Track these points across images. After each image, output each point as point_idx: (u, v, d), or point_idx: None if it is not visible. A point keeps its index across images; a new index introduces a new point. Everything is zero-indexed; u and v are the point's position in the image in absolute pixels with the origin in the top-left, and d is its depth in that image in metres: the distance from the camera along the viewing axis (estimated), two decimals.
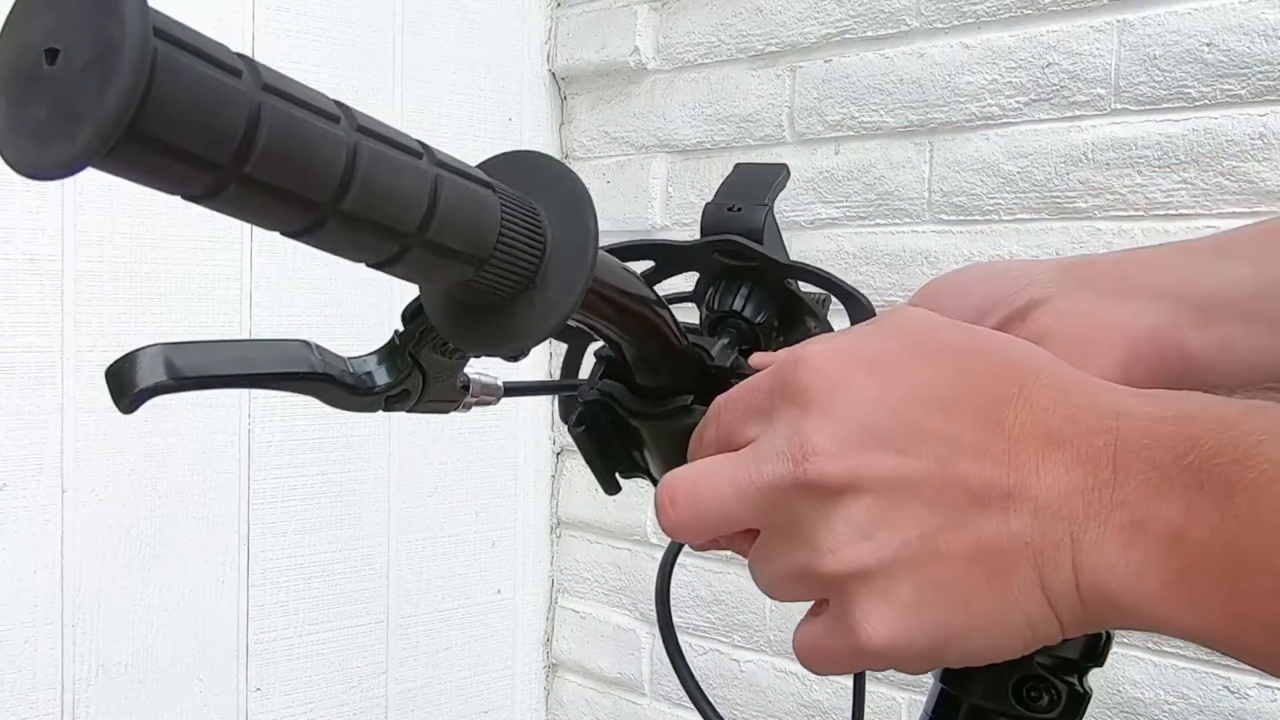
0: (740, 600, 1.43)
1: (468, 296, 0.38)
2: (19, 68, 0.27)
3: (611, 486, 0.53)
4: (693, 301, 0.56)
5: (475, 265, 0.36)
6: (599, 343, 0.50)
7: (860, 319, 0.52)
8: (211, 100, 0.28)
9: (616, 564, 1.58)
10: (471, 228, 0.35)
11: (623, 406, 0.49)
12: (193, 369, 0.39)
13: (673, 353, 0.47)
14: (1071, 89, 1.13)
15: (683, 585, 1.48)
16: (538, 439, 1.64)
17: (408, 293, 0.41)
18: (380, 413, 0.44)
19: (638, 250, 0.54)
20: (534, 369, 1.54)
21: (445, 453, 1.52)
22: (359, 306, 1.40)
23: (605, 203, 1.55)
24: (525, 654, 1.64)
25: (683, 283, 0.56)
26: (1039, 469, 0.34)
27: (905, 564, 0.35)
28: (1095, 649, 0.45)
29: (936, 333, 0.38)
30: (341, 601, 1.43)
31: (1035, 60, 1.15)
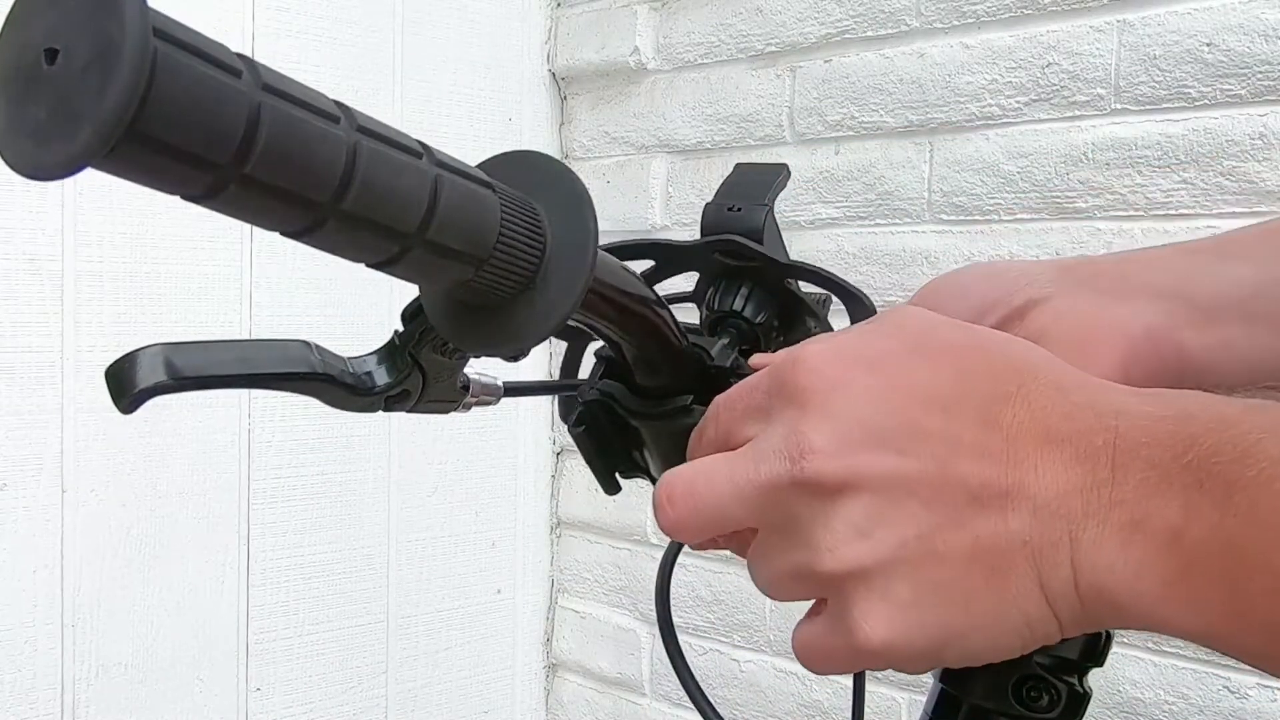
0: (740, 600, 1.43)
1: (468, 296, 0.38)
2: (19, 68, 0.27)
3: (611, 486, 0.53)
4: (693, 301, 0.56)
5: (475, 265, 0.36)
6: (599, 342, 0.50)
7: (861, 318, 0.52)
8: (211, 100, 0.28)
9: (616, 564, 1.58)
10: (471, 228, 0.35)
11: (623, 406, 0.49)
12: (193, 369, 0.39)
13: (673, 353, 0.47)
14: (1071, 89, 1.13)
15: (683, 585, 1.48)
16: (538, 439, 1.64)
17: (408, 293, 0.41)
18: (380, 413, 0.45)
19: (638, 249, 0.54)
20: (534, 369, 1.54)
21: (445, 453, 1.52)
22: (359, 306, 1.40)
23: (605, 203, 1.55)
24: (525, 654, 1.64)
25: (683, 283, 0.56)
26: (1037, 468, 0.34)
27: (903, 563, 0.35)
28: (1095, 649, 0.45)
29: (936, 332, 0.38)
30: (341, 601, 1.43)
31: (1035, 60, 1.15)
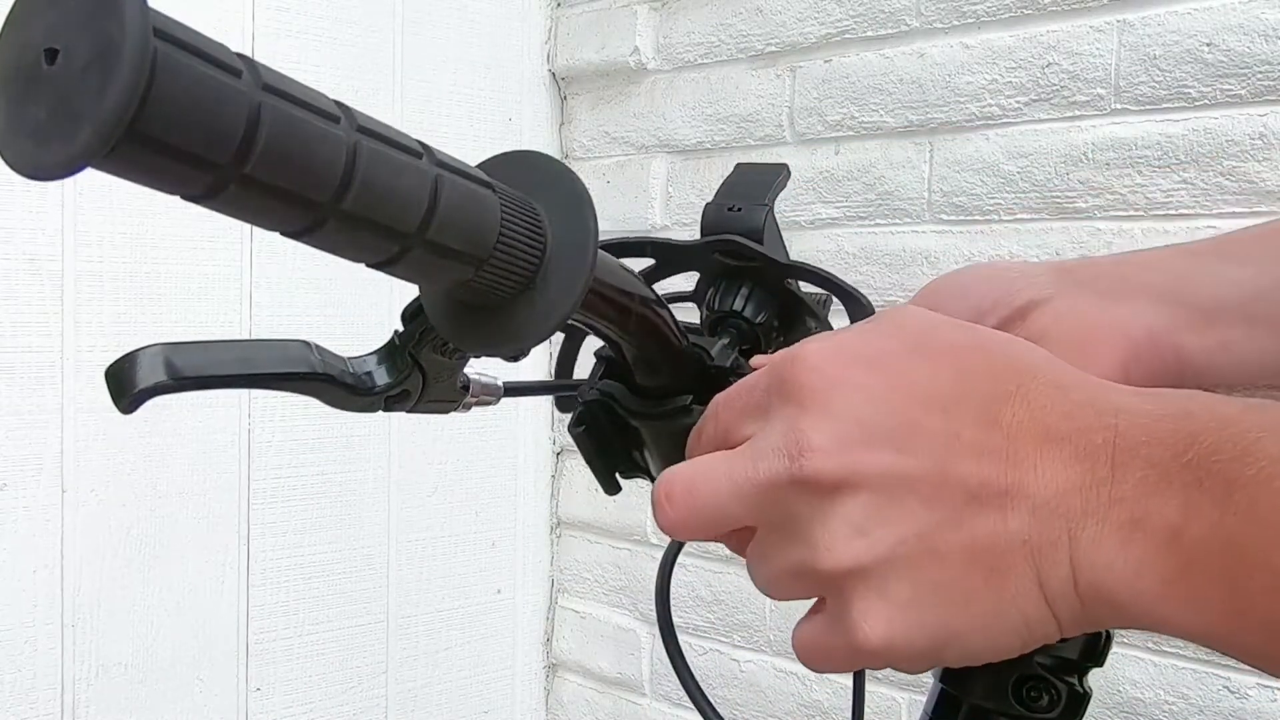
0: (740, 600, 1.43)
1: (468, 296, 0.38)
2: (19, 68, 0.27)
3: (611, 486, 0.53)
4: (693, 301, 0.56)
5: (475, 265, 0.36)
6: (598, 340, 0.50)
7: (860, 319, 0.52)
8: (211, 100, 0.28)
9: (616, 564, 1.58)
10: (471, 228, 0.35)
11: (622, 406, 0.49)
12: (193, 369, 0.39)
13: (672, 353, 0.47)
14: (1071, 89, 1.13)
15: (683, 585, 1.48)
16: (538, 439, 1.64)
17: (408, 293, 0.41)
18: (380, 413, 0.45)
19: (638, 246, 0.54)
20: (534, 369, 1.54)
21: (445, 453, 1.52)
22: (359, 306, 1.40)
23: (605, 203, 1.55)
24: (525, 654, 1.64)
25: (683, 282, 0.56)
26: (1037, 466, 0.34)
27: (902, 562, 0.35)
28: (1095, 649, 0.45)
29: (936, 332, 0.38)
30: (341, 601, 1.43)
31: (1035, 60, 1.15)
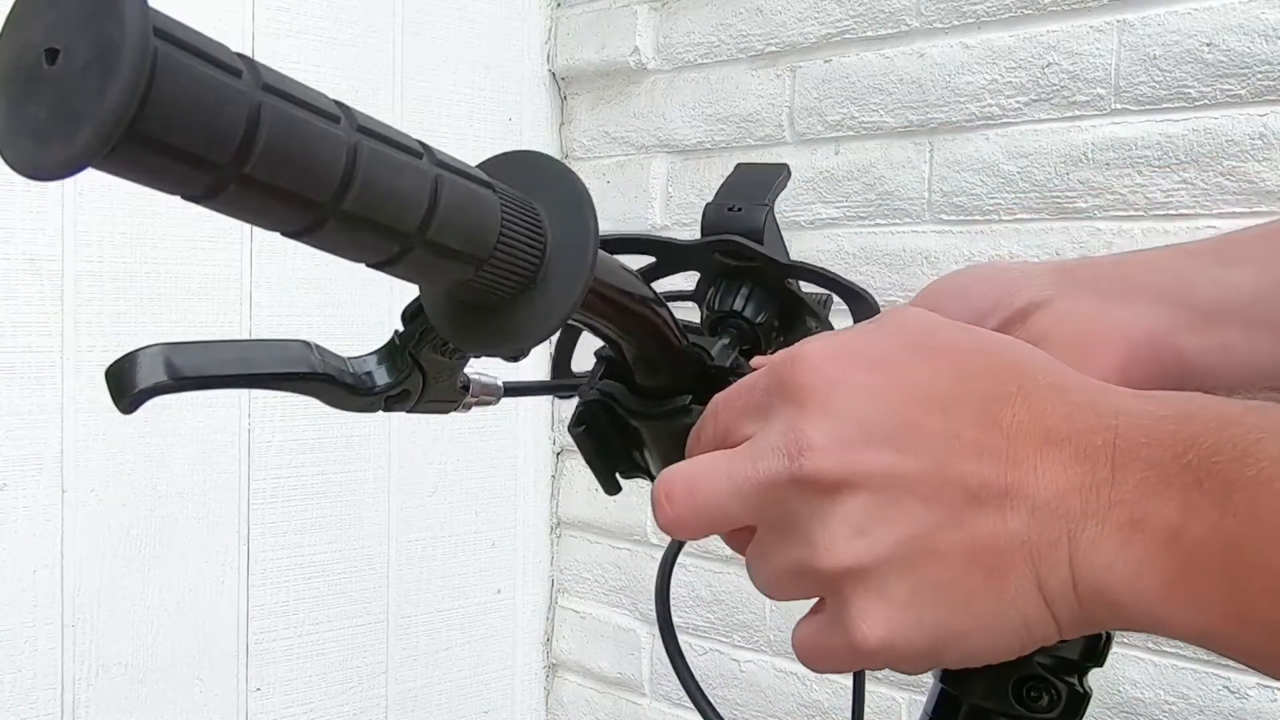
0: (740, 600, 1.43)
1: (468, 296, 0.38)
2: (19, 68, 0.27)
3: (612, 486, 0.53)
4: (693, 301, 0.56)
5: (475, 265, 0.36)
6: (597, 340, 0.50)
7: (864, 315, 0.52)
8: (211, 100, 0.28)
9: (616, 564, 1.58)
10: (471, 228, 0.35)
11: (622, 406, 0.49)
12: (193, 369, 0.39)
13: (672, 352, 0.47)
14: (1071, 89, 1.13)
15: (683, 585, 1.48)
16: (538, 439, 1.64)
17: (408, 293, 0.41)
18: (380, 413, 0.45)
19: (638, 243, 0.54)
20: (534, 369, 1.54)
21: (445, 453, 1.52)
22: (359, 306, 1.40)
23: (605, 203, 1.55)
24: (525, 654, 1.64)
25: (683, 282, 0.56)
26: (1037, 467, 0.34)
27: (901, 562, 0.35)
28: (1095, 649, 0.45)
29: (936, 333, 0.38)
30: (341, 601, 1.43)
31: (1035, 60, 1.15)
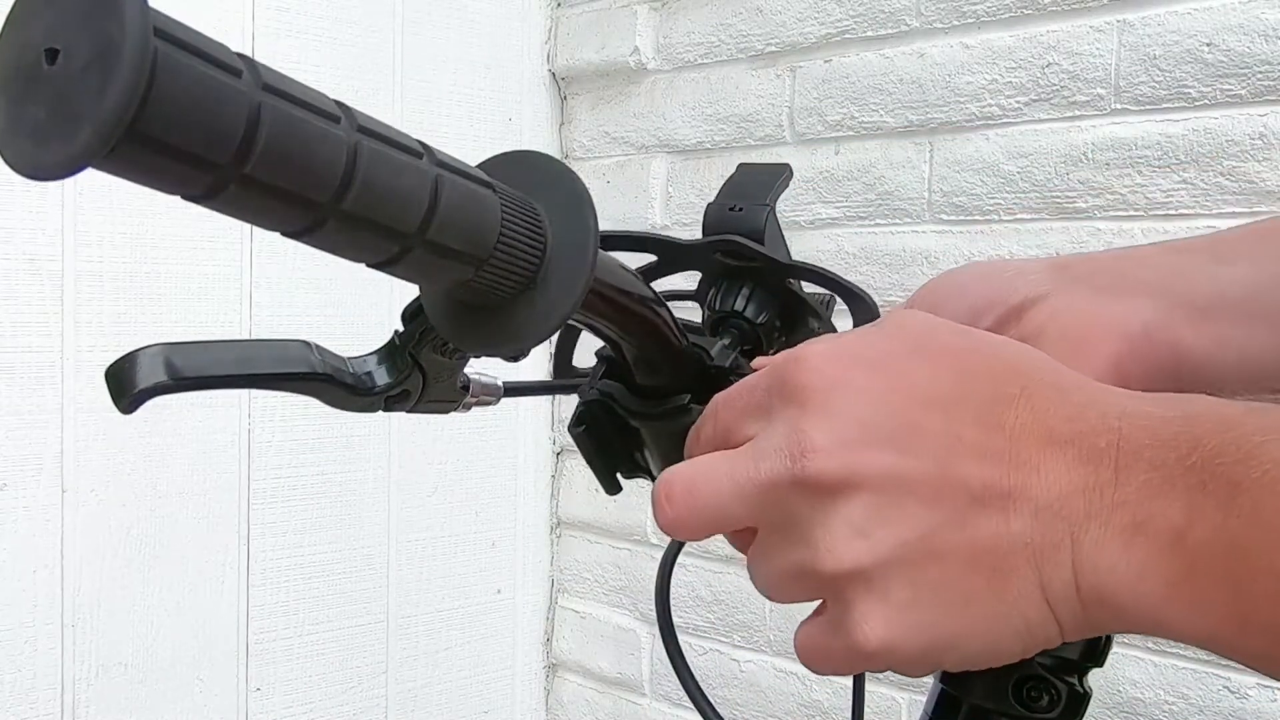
0: (740, 600, 1.43)
1: (468, 296, 0.38)
2: (19, 68, 0.27)
3: (612, 486, 0.53)
4: (695, 301, 0.56)
5: (475, 265, 0.36)
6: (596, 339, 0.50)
7: (863, 317, 0.52)
8: (211, 100, 0.28)
9: (616, 564, 1.58)
10: (472, 228, 0.35)
11: (622, 406, 0.49)
12: (193, 369, 0.39)
13: (672, 352, 0.47)
14: (1071, 89, 1.12)
15: (683, 585, 1.48)
16: (538, 439, 1.64)
17: (408, 293, 0.41)
18: (380, 413, 0.44)
19: (639, 241, 0.54)
20: (534, 369, 1.54)
21: (445, 453, 1.52)
22: (359, 306, 1.40)
23: (605, 203, 1.55)
24: (525, 654, 1.64)
25: (683, 281, 0.56)
26: (1040, 469, 0.34)
27: (902, 564, 0.34)
28: (1095, 649, 0.45)
29: (937, 335, 0.38)
30: (341, 601, 1.43)
31: (1035, 60, 1.15)
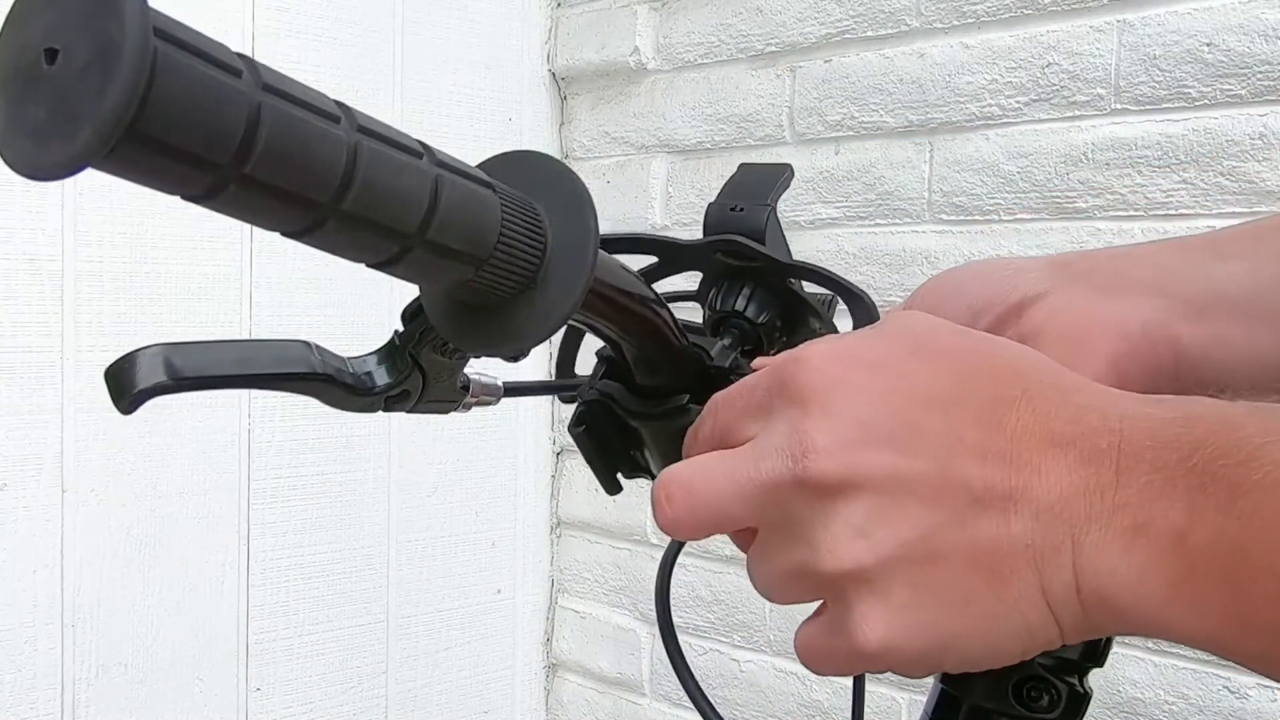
0: (740, 600, 1.43)
1: (468, 296, 0.38)
2: (19, 68, 0.27)
3: (613, 486, 0.53)
4: (695, 301, 0.55)
5: (475, 265, 0.36)
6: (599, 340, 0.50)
7: (863, 317, 0.52)
8: (211, 100, 0.28)
9: (616, 564, 1.58)
10: (472, 228, 0.35)
11: (621, 406, 0.49)
12: (193, 369, 0.39)
13: (672, 353, 0.47)
14: (1071, 89, 1.12)
15: (683, 585, 1.48)
16: (538, 439, 1.64)
17: (408, 293, 0.41)
18: (380, 413, 0.44)
19: (640, 243, 0.54)
20: (534, 369, 1.54)
21: (445, 453, 1.52)
22: (359, 306, 1.40)
23: (605, 203, 1.55)
24: (525, 654, 1.64)
25: (684, 282, 0.56)
26: (1041, 470, 0.34)
27: (903, 564, 0.34)
28: (1096, 649, 0.45)
29: (938, 336, 0.38)
30: (341, 601, 1.43)
31: (1035, 60, 1.15)
